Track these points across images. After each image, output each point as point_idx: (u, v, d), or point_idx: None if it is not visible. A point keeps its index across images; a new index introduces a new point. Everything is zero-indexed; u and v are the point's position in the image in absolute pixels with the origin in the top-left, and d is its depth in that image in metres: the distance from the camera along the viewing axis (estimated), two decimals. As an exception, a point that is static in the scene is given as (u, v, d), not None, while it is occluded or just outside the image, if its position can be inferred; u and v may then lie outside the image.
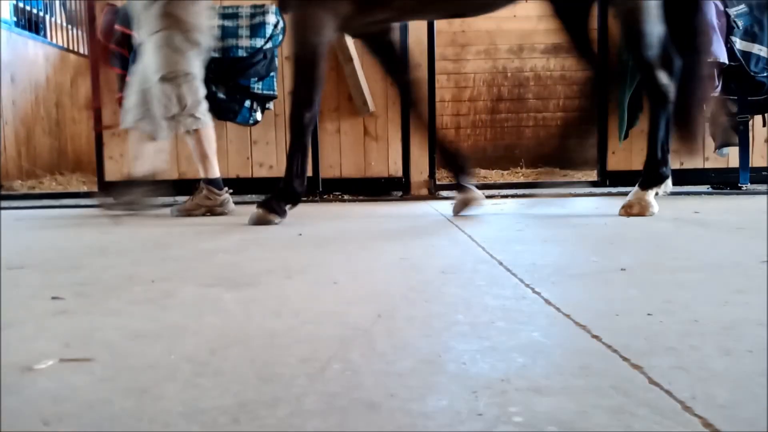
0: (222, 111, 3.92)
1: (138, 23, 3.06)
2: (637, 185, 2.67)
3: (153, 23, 2.92)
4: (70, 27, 7.41)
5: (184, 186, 3.96)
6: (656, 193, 2.64)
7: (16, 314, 1.13)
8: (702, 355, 0.82)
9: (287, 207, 2.67)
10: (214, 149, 3.17)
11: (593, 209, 3.08)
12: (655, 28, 2.54)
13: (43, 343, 0.94)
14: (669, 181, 2.66)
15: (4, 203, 4.03)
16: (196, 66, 3.03)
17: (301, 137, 2.62)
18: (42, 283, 1.43)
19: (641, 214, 2.60)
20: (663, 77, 2.56)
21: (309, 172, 3.92)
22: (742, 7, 3.68)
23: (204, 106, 3.07)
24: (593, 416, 0.63)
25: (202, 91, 3.06)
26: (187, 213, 3.14)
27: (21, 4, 6.40)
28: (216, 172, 3.17)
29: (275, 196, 2.65)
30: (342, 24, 2.61)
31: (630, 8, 2.57)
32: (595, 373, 0.76)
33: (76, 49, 7.27)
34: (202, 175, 3.18)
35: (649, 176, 2.64)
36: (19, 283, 1.44)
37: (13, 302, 1.24)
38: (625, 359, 0.81)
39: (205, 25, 3.06)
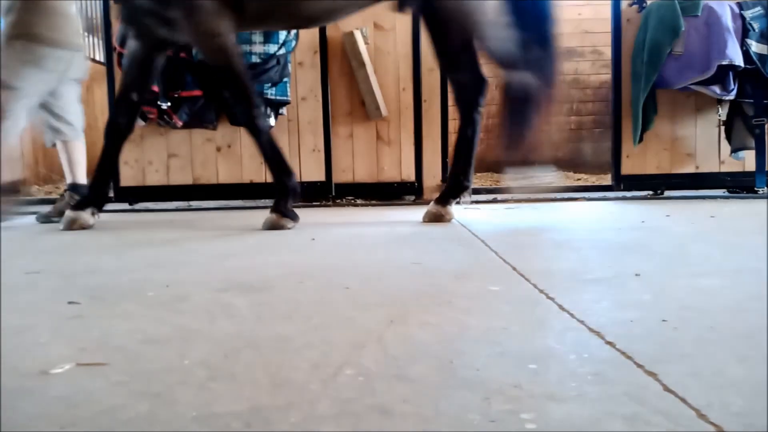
0: (235, 116, 3.95)
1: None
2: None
3: (8, 27, 2.84)
4: (87, 34, 7.51)
5: (199, 191, 4.00)
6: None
7: (33, 318, 1.14)
8: (718, 363, 0.81)
9: (291, 204, 2.67)
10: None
11: (607, 213, 3.06)
12: (497, 30, 2.48)
13: (59, 347, 0.95)
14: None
15: (21, 208, 4.08)
16: (29, 82, 2.85)
17: (263, 135, 2.63)
18: (58, 287, 1.45)
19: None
20: (524, 76, 2.57)
21: (322, 174, 3.98)
22: (758, 10, 3.64)
23: (18, 123, 2.91)
24: (607, 423, 0.63)
25: (20, 111, 2.88)
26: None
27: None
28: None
29: (282, 200, 2.66)
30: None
31: (457, 13, 2.49)
32: (608, 379, 0.75)
33: (93, 57, 7.37)
34: None
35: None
36: (35, 288, 1.45)
37: (30, 306, 1.26)
38: (639, 366, 0.80)
39: (69, 41, 2.93)
